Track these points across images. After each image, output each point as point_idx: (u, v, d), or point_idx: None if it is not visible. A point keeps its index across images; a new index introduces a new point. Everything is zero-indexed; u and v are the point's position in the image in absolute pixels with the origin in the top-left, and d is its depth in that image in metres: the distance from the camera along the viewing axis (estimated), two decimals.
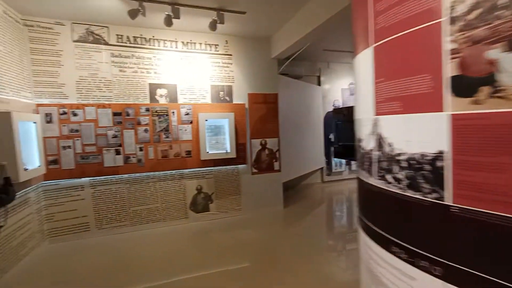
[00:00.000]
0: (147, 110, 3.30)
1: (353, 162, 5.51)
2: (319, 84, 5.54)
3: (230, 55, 3.72)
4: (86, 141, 3.08)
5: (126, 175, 3.29)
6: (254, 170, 3.86)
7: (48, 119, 2.95)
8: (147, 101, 3.35)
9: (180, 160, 3.45)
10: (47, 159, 2.94)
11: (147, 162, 3.32)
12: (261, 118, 3.86)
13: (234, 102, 3.74)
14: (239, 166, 3.78)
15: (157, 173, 3.41)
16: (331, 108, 5.60)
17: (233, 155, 3.57)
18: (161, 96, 3.41)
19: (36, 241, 2.83)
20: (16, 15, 2.74)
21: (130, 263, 2.62)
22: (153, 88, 3.37)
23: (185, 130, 3.47)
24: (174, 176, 3.50)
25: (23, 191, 2.60)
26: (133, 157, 3.27)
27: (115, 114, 3.18)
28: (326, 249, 2.86)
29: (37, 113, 2.75)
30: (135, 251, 2.87)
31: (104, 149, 3.15)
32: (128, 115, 3.23)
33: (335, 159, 5.55)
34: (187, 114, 3.47)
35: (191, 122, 3.49)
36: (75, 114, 3.03)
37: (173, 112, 3.41)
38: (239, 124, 3.68)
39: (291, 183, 4.86)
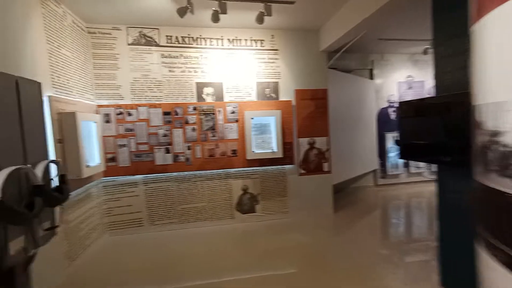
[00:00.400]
0: (195, 109, 3.33)
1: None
2: (371, 77, 5.07)
3: (277, 50, 3.56)
4: (140, 140, 3.22)
5: (175, 173, 3.35)
6: (302, 171, 3.64)
7: (107, 119, 3.14)
8: (195, 100, 3.37)
9: (226, 159, 3.41)
10: (106, 156, 3.14)
11: (195, 160, 3.34)
12: (309, 115, 3.62)
13: (281, 99, 3.57)
14: (286, 166, 3.60)
15: (204, 172, 3.42)
16: (385, 104, 5.08)
17: (280, 155, 3.41)
18: (207, 94, 3.41)
19: (98, 233, 3.03)
20: (82, 24, 2.97)
21: (177, 261, 2.64)
22: (200, 87, 3.39)
23: (231, 128, 3.42)
24: (220, 175, 3.47)
25: (85, 186, 2.79)
26: (182, 156, 3.32)
27: (165, 113, 3.26)
28: (382, 260, 2.53)
29: (98, 114, 2.95)
30: (183, 249, 2.90)
31: (155, 147, 3.25)
32: (177, 114, 3.29)
33: (391, 160, 5.01)
34: (233, 112, 3.41)
35: (237, 121, 3.42)
36: (129, 114, 3.19)
37: (219, 111, 3.38)
38: (285, 122, 3.50)
39: (340, 186, 4.51)
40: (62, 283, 2.26)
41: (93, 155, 2.79)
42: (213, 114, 3.37)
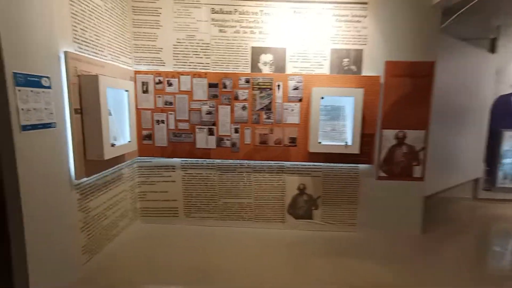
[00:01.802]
0: (247, 81, 2.59)
1: None
2: (492, 51, 3.61)
3: (365, 3, 2.53)
4: (180, 116, 2.65)
5: (218, 160, 2.74)
6: (382, 174, 2.69)
7: (145, 88, 2.62)
8: (248, 70, 2.63)
9: (281, 149, 2.65)
10: (141, 133, 2.67)
11: (243, 147, 2.66)
12: (403, 98, 2.58)
13: (364, 74, 2.59)
14: (360, 165, 2.69)
15: (252, 162, 2.73)
16: (508, 90, 3.62)
17: (355, 150, 2.50)
18: (265, 63, 2.62)
19: (128, 219, 2.64)
20: None
21: (210, 264, 2.10)
22: (256, 53, 2.61)
23: (292, 110, 2.61)
24: (272, 168, 2.75)
25: (116, 166, 2.36)
26: (227, 140, 2.66)
27: (211, 85, 2.60)
28: None
29: (132, 81, 2.43)
30: (219, 251, 2.33)
31: (197, 127, 2.65)
32: (225, 87, 2.60)
33: (505, 168, 3.63)
34: (296, 88, 2.58)
35: (300, 100, 2.59)
36: (170, 84, 2.61)
37: (278, 86, 2.59)
38: (367, 107, 2.54)
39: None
40: (76, 282, 1.87)
41: (124, 131, 2.31)
42: (270, 89, 2.59)
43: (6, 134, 1.40)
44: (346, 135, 2.56)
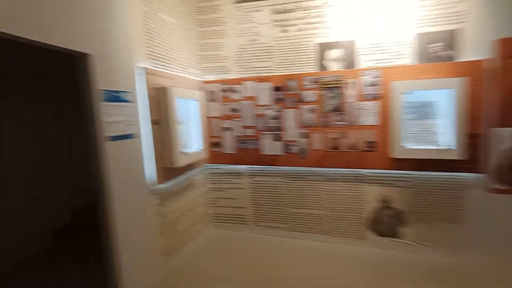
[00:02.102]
0: (314, 81, 2.38)
1: None
2: None
3: None
4: (245, 123, 2.62)
5: (285, 167, 2.60)
6: (498, 186, 2.05)
7: (212, 97, 2.71)
8: (314, 69, 2.42)
9: (357, 154, 2.32)
10: (210, 141, 2.75)
11: (312, 153, 2.45)
12: None
13: (463, 59, 2.06)
14: (465, 174, 2.12)
15: (324, 169, 2.48)
16: None
17: (458, 155, 1.98)
18: (333, 60, 2.37)
19: (202, 225, 2.74)
20: None
21: (280, 277, 1.93)
22: (322, 49, 2.38)
23: (368, 109, 2.27)
24: (346, 176, 2.44)
25: (189, 173, 2.47)
26: (294, 146, 2.50)
27: (275, 88, 2.50)
28: None
29: (201, 90, 2.53)
30: (289, 265, 2.17)
31: (262, 133, 2.58)
32: (290, 89, 2.45)
33: None
34: (372, 85, 2.23)
35: (377, 97, 2.23)
36: (234, 91, 2.62)
37: (350, 83, 2.29)
38: (472, 100, 1.99)
39: None
40: (157, 283, 1.99)
41: (194, 139, 2.40)
42: (340, 88, 2.32)
43: (96, 145, 1.58)
44: (446, 136, 2.06)
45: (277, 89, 2.49)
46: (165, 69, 2.18)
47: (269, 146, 2.56)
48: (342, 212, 2.48)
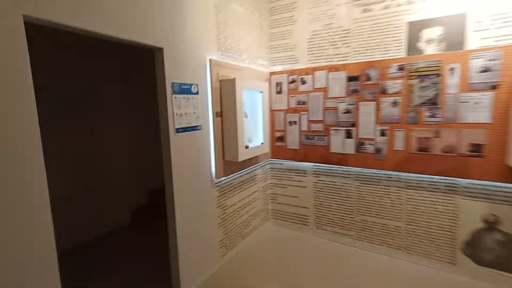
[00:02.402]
0: (401, 69, 1.98)
1: None
2: None
3: None
4: (313, 117, 2.39)
5: (356, 169, 2.28)
6: None
7: (278, 89, 2.56)
8: (402, 54, 2.01)
9: (454, 160, 1.85)
10: (274, 135, 2.62)
11: (391, 154, 2.07)
12: None
13: None
14: None
15: (405, 174, 2.08)
16: None
17: None
18: (429, 41, 1.91)
19: (260, 219, 2.68)
20: None
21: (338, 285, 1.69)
22: (414, 29, 1.95)
23: (477, 103, 1.76)
24: (437, 185, 1.99)
25: (251, 167, 2.41)
26: (370, 144, 2.16)
27: (350, 78, 2.18)
28: None
29: (267, 82, 2.39)
30: (349, 274, 1.89)
31: (332, 128, 2.31)
32: (368, 79, 2.11)
33: None
34: (486, 70, 1.71)
35: (494, 87, 1.70)
36: (303, 82, 2.41)
37: (452, 69, 1.81)
38: None
39: None
40: (213, 274, 2.01)
41: (258, 133, 2.31)
42: (438, 76, 1.86)
43: (166, 136, 1.63)
44: None
45: (352, 79, 2.17)
46: (233, 61, 2.13)
47: (339, 143, 2.28)
48: (426, 228, 2.05)
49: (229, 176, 2.15)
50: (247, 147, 2.03)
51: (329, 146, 2.34)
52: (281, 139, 2.60)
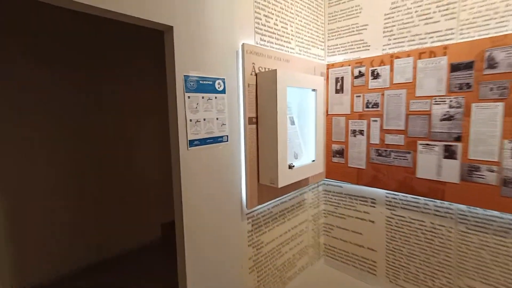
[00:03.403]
0: None
1: None
2: None
3: None
4: (389, 125, 1.68)
5: (461, 206, 1.49)
6: None
7: (338, 86, 1.90)
8: None
9: None
10: (330, 148, 1.97)
11: None
12: None
13: None
14: None
15: None
16: None
17: None
18: None
19: (308, 258, 2.05)
20: None
21: None
22: None
23: None
24: None
25: (298, 190, 1.82)
26: (491, 171, 1.35)
27: (455, 67, 1.42)
28: None
29: (322, 77, 1.76)
30: None
31: (421, 142, 1.56)
32: (492, 66, 1.31)
33: None
34: None
35: None
36: (375, 76, 1.71)
37: None
38: None
39: None
40: None
41: (308, 146, 1.70)
42: None
43: (175, 152, 1.16)
44: None
45: (459, 67, 1.40)
46: (277, 48, 1.58)
47: (432, 165, 1.52)
48: None
49: (266, 204, 1.60)
50: (291, 166, 1.44)
51: (414, 168, 1.59)
52: (339, 153, 1.94)
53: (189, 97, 1.16)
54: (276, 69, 1.29)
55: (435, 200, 1.56)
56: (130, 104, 2.59)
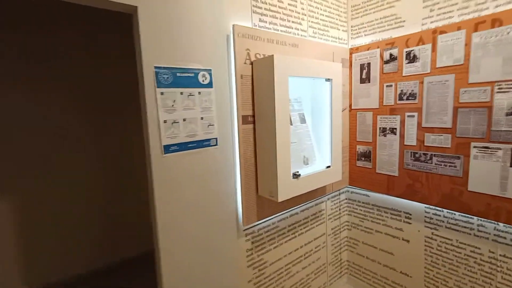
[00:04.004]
0: None
1: None
2: None
3: None
4: (430, 121, 1.30)
5: None
6: None
7: (364, 74, 1.55)
8: None
9: None
10: (355, 149, 1.64)
11: None
12: None
13: None
14: None
15: None
16: None
17: None
18: None
19: (326, 277, 1.76)
20: None
21: None
22: None
23: None
24: None
25: (312, 200, 1.53)
26: None
27: None
28: None
29: (340, 63, 1.43)
30: None
31: (477, 144, 1.17)
32: None
33: None
34: None
35: None
36: (412, 59, 1.33)
37: None
38: None
39: None
40: None
41: (323, 149, 1.40)
42: None
43: (148, 159, 0.97)
44: None
45: None
46: (283, 31, 1.30)
47: (493, 175, 1.13)
48: None
49: (268, 218, 1.34)
50: (297, 175, 1.17)
51: (466, 178, 1.20)
52: (366, 157, 1.59)
53: (162, 93, 0.96)
54: (273, 55, 1.02)
55: (497, 223, 1.17)
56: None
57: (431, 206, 1.37)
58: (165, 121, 0.97)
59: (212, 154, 1.10)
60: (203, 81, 1.06)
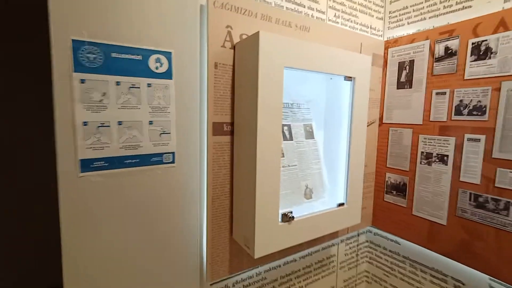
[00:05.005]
0: None
1: None
2: None
3: None
4: (505, 150, 0.84)
5: None
6: None
7: (404, 76, 1.12)
8: None
9: None
10: (382, 178, 1.20)
11: None
12: None
13: None
14: None
15: None
16: None
17: None
18: None
19: None
20: None
21: None
22: None
23: None
24: None
25: (318, 245, 1.12)
26: None
27: None
28: None
29: (370, 57, 1.00)
30: None
31: None
32: None
33: None
34: None
35: None
36: (482, 54, 0.89)
37: None
38: None
39: None
40: None
41: (336, 176, 0.99)
42: None
43: (60, 181, 0.64)
44: None
45: None
46: (286, 8, 0.93)
47: None
48: None
49: (249, 269, 0.96)
50: (289, 217, 0.77)
51: None
52: (399, 190, 1.15)
53: (83, 80, 0.63)
54: (258, 31, 0.65)
55: None
56: None
57: (501, 282, 0.89)
58: (85, 123, 0.64)
59: (165, 175, 0.75)
60: (156, 68, 0.72)
